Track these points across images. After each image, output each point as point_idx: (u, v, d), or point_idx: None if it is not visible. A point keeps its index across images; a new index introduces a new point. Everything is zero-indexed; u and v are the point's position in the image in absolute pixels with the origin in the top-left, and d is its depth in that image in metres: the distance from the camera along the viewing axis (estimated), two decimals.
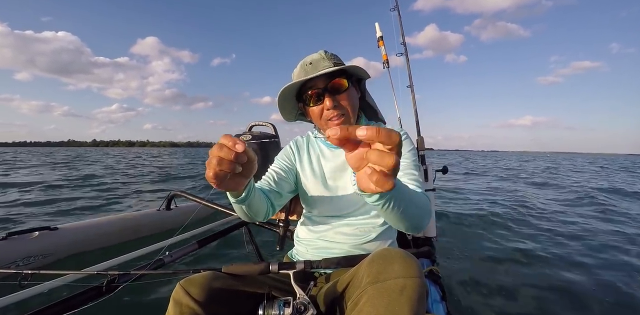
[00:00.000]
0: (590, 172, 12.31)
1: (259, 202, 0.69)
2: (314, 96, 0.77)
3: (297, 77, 0.79)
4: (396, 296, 0.46)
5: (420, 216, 0.60)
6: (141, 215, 2.27)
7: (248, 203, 0.63)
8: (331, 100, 0.75)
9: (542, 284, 1.82)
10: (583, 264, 2.13)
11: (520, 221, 3.37)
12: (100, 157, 22.85)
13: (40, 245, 1.61)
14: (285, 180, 0.86)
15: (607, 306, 1.58)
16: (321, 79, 0.76)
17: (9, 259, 1.47)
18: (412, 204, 0.56)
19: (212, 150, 0.42)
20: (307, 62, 0.78)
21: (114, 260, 0.96)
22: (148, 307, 1.37)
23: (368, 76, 0.84)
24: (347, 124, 0.79)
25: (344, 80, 0.76)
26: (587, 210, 4.10)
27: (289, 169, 0.89)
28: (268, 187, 0.81)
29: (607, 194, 5.64)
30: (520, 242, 2.59)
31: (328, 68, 0.75)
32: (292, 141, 0.97)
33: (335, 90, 0.76)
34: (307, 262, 0.65)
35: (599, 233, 2.93)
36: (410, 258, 0.51)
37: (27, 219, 3.12)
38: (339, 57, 0.82)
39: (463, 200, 4.58)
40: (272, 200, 0.78)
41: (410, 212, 0.56)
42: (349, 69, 0.77)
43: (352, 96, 0.79)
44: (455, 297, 1.60)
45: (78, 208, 3.71)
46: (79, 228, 1.90)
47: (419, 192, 0.67)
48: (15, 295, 0.69)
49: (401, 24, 2.03)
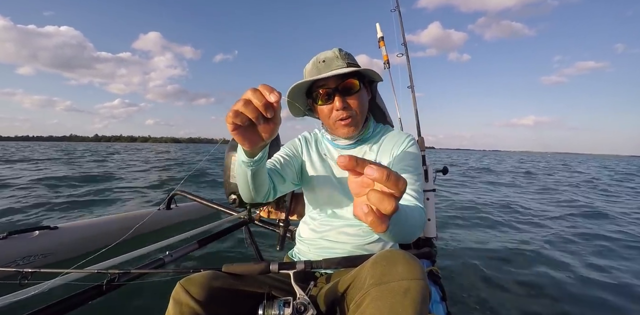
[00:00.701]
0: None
1: (264, 176, 0.67)
2: (324, 95, 0.76)
3: (309, 73, 0.78)
4: (400, 298, 0.46)
5: (412, 233, 0.59)
6: (142, 215, 2.27)
7: (256, 170, 0.62)
8: (341, 101, 0.74)
9: (543, 284, 1.82)
10: (584, 264, 2.13)
11: (521, 221, 3.37)
12: (129, 151, 22.36)
13: (41, 244, 1.62)
14: (290, 167, 0.84)
15: (608, 306, 1.58)
16: (333, 79, 0.75)
17: (9, 258, 1.47)
18: (408, 225, 0.55)
19: (245, 93, 0.41)
20: (321, 59, 0.77)
21: (114, 259, 0.96)
22: (148, 306, 1.38)
23: (381, 79, 0.83)
24: (354, 126, 0.79)
25: (356, 82, 0.75)
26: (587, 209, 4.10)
27: (295, 157, 0.88)
28: (274, 167, 0.80)
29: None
30: (521, 242, 2.58)
31: (341, 68, 0.74)
32: (300, 135, 0.96)
33: (346, 91, 0.75)
34: (308, 262, 0.65)
35: (600, 233, 2.93)
36: (414, 260, 0.51)
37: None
38: (353, 56, 0.80)
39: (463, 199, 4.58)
40: (274, 182, 0.77)
41: (404, 232, 0.55)
42: (362, 71, 0.76)
43: (363, 98, 0.78)
44: (456, 298, 1.59)
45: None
46: (79, 227, 1.90)
47: (414, 209, 0.63)
48: (15, 294, 0.69)
49: (402, 25, 2.03)
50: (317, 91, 0.77)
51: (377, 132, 0.88)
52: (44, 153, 17.10)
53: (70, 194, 4.42)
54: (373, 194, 0.31)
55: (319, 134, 0.94)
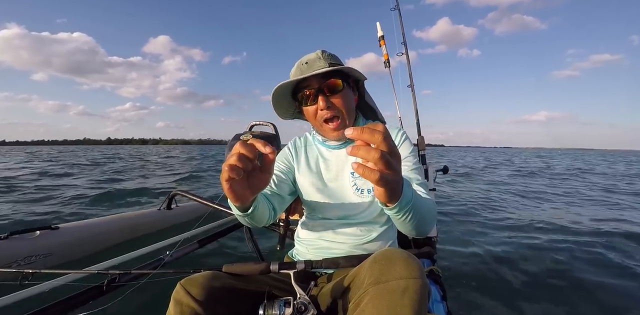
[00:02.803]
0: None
1: (263, 212, 0.69)
2: (308, 96, 0.77)
3: (293, 76, 0.79)
4: (398, 297, 0.46)
5: (430, 223, 0.62)
6: (142, 215, 2.27)
7: (252, 216, 0.64)
8: (324, 101, 0.75)
9: (544, 283, 1.82)
10: (585, 264, 2.13)
11: (521, 220, 3.37)
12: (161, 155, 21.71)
13: (41, 244, 1.62)
14: (285, 182, 0.86)
15: (608, 307, 1.58)
16: (315, 79, 0.76)
17: (10, 258, 1.47)
18: (425, 213, 0.58)
19: (235, 147, 0.44)
20: (303, 61, 0.78)
21: (115, 259, 0.96)
22: (148, 306, 1.37)
23: (364, 78, 0.83)
24: (343, 125, 0.79)
25: (339, 81, 0.76)
26: (585, 210, 4.10)
27: (288, 170, 0.89)
28: (270, 190, 0.81)
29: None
30: (521, 242, 2.58)
31: (323, 68, 0.74)
32: (290, 142, 0.96)
33: (330, 90, 0.76)
34: (308, 262, 0.65)
35: (601, 233, 2.92)
36: (412, 259, 0.51)
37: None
38: (337, 57, 0.81)
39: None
40: (274, 204, 0.78)
41: (422, 221, 0.58)
42: (345, 69, 0.77)
43: (347, 97, 0.79)
44: (456, 297, 1.59)
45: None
46: (80, 227, 1.90)
47: (425, 198, 0.66)
48: (16, 294, 0.69)
49: (402, 24, 2.02)
50: (302, 92, 0.78)
51: None
52: (116, 158, 14.89)
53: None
54: (361, 148, 0.37)
55: (310, 137, 0.95)
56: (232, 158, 0.43)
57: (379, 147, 0.37)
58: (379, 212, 0.81)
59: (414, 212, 0.53)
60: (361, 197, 0.80)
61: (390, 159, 0.38)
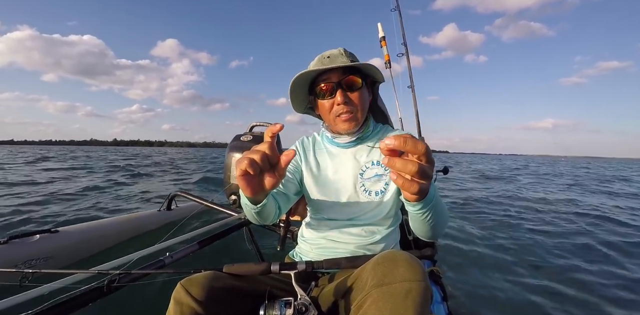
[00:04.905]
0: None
1: (271, 209, 0.69)
2: (326, 89, 0.77)
3: (313, 68, 0.78)
4: (401, 300, 0.46)
5: (444, 224, 0.63)
6: (142, 216, 2.26)
7: (262, 209, 0.64)
8: (342, 96, 0.75)
9: (544, 284, 1.81)
10: (586, 266, 2.12)
11: (522, 220, 3.36)
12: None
13: (41, 248, 1.61)
14: (291, 182, 0.85)
15: (609, 307, 1.57)
16: (336, 74, 0.76)
17: (10, 262, 1.46)
18: (444, 212, 0.59)
19: (255, 146, 0.47)
20: (325, 55, 0.78)
21: (115, 261, 0.96)
22: (149, 307, 1.37)
23: (383, 79, 0.84)
24: (355, 122, 0.79)
25: (358, 79, 0.77)
26: (586, 210, 4.09)
27: (295, 169, 0.88)
28: (276, 189, 0.80)
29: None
30: (522, 242, 2.58)
31: (345, 63, 0.75)
32: (297, 141, 0.95)
33: (349, 86, 0.77)
34: (309, 263, 0.64)
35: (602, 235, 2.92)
36: (415, 261, 0.51)
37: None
38: (357, 57, 0.81)
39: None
40: (279, 203, 0.78)
41: (441, 220, 0.59)
42: (365, 70, 0.78)
43: (364, 96, 0.79)
44: (456, 298, 1.59)
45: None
46: (80, 230, 1.90)
47: (442, 201, 0.67)
48: (16, 297, 0.68)
49: (402, 25, 2.03)
50: (319, 85, 0.78)
51: (377, 132, 0.89)
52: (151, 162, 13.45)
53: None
54: (398, 161, 0.37)
55: (318, 136, 0.95)
56: (252, 153, 0.44)
57: (419, 158, 0.38)
58: (385, 214, 0.81)
59: (435, 211, 0.54)
60: (369, 198, 0.80)
61: (427, 170, 0.38)
